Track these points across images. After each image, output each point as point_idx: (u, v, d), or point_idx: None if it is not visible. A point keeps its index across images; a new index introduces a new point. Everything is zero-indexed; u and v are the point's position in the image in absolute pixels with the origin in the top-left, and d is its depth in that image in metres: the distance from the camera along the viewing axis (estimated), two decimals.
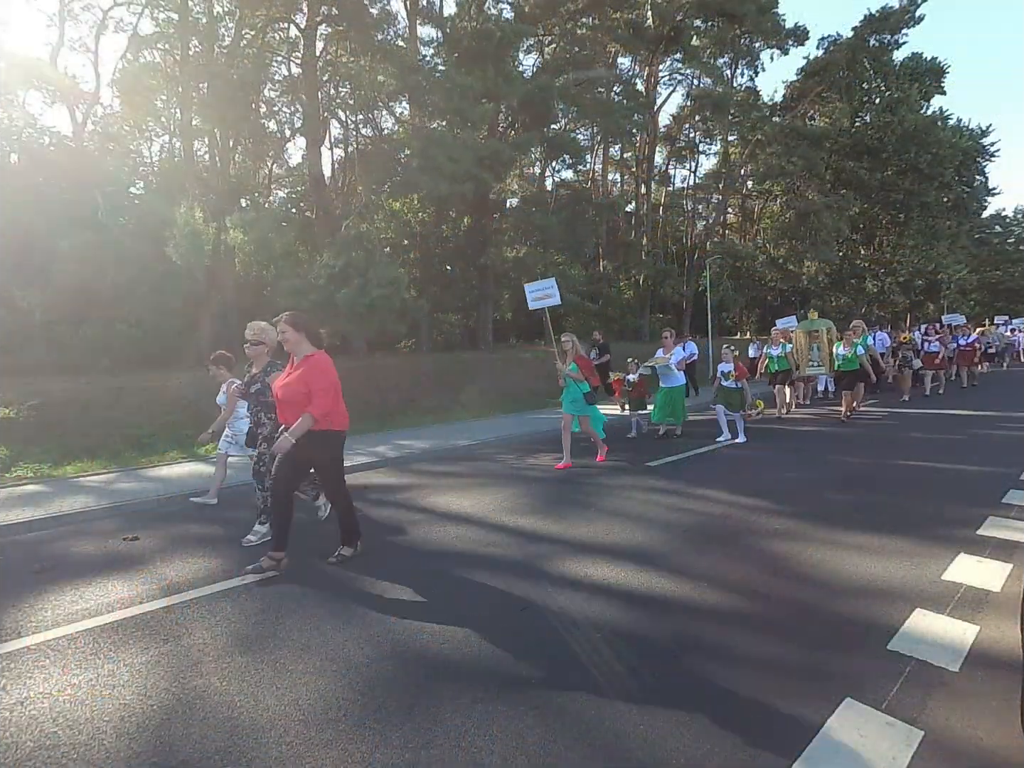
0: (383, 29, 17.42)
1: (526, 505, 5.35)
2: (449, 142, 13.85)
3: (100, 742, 2.22)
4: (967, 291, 41.21)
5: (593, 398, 6.69)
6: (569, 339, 6.81)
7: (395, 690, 2.47)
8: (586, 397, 6.65)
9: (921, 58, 29.81)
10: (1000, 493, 5.08)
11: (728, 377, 8.05)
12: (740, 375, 8.01)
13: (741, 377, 8.02)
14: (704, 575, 3.57)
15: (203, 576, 3.87)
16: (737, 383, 8.03)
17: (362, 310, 12.87)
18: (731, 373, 8.02)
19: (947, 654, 2.61)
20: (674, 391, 8.23)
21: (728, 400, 8.07)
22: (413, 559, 4.06)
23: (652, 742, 2.11)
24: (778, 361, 10.56)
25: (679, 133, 30.29)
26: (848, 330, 10.42)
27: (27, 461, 7.39)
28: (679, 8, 23.33)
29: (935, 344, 13.29)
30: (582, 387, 6.60)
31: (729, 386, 8.07)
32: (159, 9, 16.74)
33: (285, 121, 20.65)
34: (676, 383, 8.23)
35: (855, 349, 9.60)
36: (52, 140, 15.77)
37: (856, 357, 9.57)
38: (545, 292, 7.72)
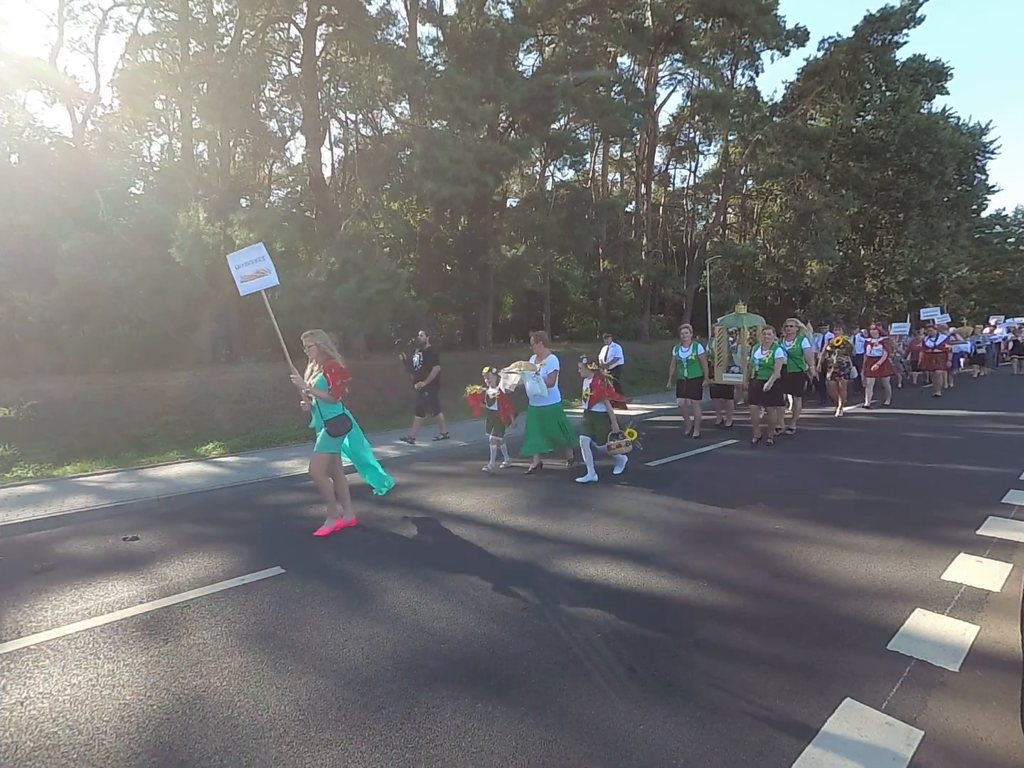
0: (383, 29, 17.41)
1: (526, 505, 5.35)
2: (451, 143, 13.82)
3: (100, 742, 2.23)
4: (967, 291, 41.18)
5: (342, 426, 4.62)
6: (312, 339, 4.70)
7: (395, 690, 2.48)
8: (331, 425, 4.56)
9: (923, 59, 29.82)
10: (1000, 493, 5.08)
11: (584, 396, 6.40)
12: (599, 395, 6.21)
13: (600, 397, 6.21)
14: (704, 575, 3.57)
15: (203, 576, 3.87)
16: (599, 405, 6.28)
17: (360, 306, 12.84)
18: (586, 392, 6.35)
19: (947, 654, 2.61)
20: (546, 412, 6.50)
21: (592, 427, 6.36)
22: (413, 559, 4.06)
23: (652, 742, 2.11)
24: (688, 366, 8.48)
25: (679, 133, 30.28)
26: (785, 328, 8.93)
27: (27, 461, 7.39)
28: (679, 8, 23.32)
29: (878, 348, 11.32)
30: (329, 410, 4.60)
31: (591, 409, 6.38)
32: (159, 9, 16.73)
33: (285, 121, 20.62)
34: (548, 402, 6.48)
35: (773, 353, 7.76)
36: (52, 140, 15.78)
37: (772, 363, 7.72)
38: (256, 268, 5.27)
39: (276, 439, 8.85)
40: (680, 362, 8.54)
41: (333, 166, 22.70)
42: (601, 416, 6.27)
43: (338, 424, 4.62)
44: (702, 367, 8.53)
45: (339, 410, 4.68)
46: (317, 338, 4.71)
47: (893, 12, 26.67)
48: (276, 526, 5.07)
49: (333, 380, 4.57)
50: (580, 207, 21.54)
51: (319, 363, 4.69)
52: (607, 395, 6.26)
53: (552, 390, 6.47)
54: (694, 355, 8.44)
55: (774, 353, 7.74)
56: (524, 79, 18.06)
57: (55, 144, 15.69)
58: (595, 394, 6.21)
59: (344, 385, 4.65)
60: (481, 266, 19.28)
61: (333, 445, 4.71)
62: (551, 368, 6.50)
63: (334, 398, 4.59)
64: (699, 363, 8.47)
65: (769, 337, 7.92)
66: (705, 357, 8.62)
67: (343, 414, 4.68)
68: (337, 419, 4.62)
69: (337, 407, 4.68)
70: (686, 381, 8.50)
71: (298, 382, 4.62)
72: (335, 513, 4.81)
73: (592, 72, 21.48)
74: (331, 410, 4.62)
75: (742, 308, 9.56)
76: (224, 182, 16.84)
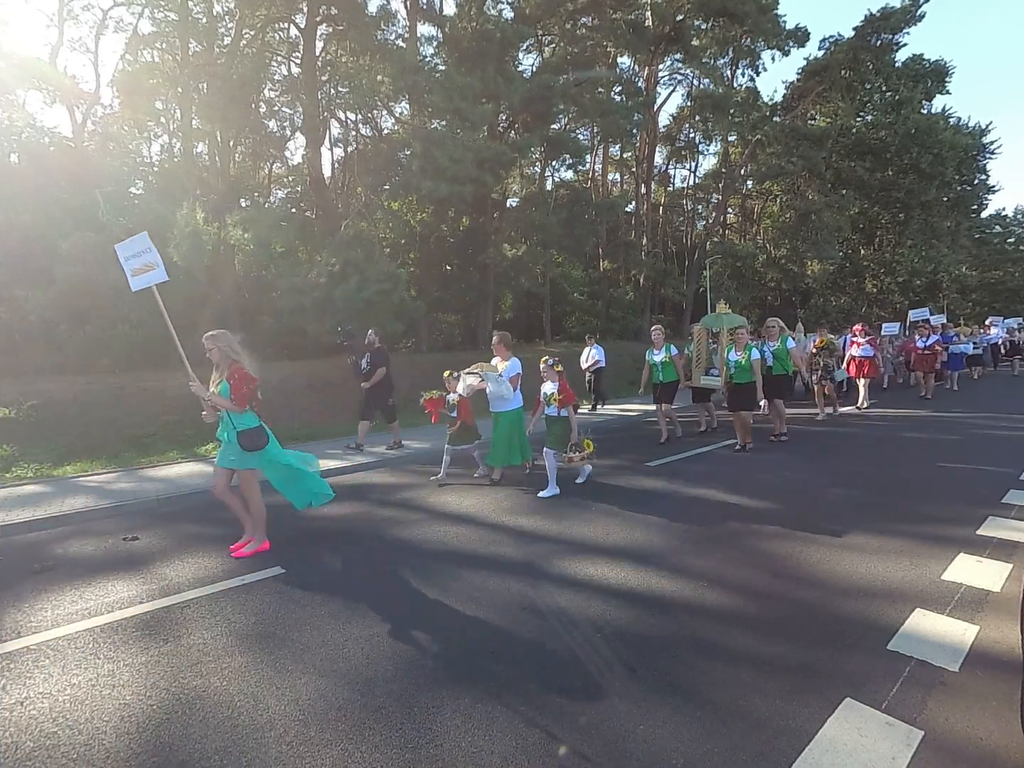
0: (383, 28, 17.42)
1: (526, 505, 5.35)
2: (450, 143, 13.83)
3: (100, 742, 2.23)
4: (967, 291, 41.19)
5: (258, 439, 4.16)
6: (213, 341, 4.21)
7: (395, 690, 2.48)
8: (244, 438, 4.09)
9: (924, 59, 29.82)
10: (1000, 493, 5.08)
11: (551, 401, 5.76)
12: (567, 400, 5.71)
13: (568, 402, 5.72)
14: (704, 575, 3.57)
15: (203, 576, 3.87)
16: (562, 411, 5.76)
17: (360, 306, 12.84)
18: (554, 396, 5.72)
19: (947, 654, 2.62)
20: (510, 418, 6.01)
21: (553, 435, 5.81)
22: (413, 559, 4.06)
23: (652, 742, 2.11)
24: (662, 369, 8.02)
25: (679, 133, 30.30)
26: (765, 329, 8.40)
27: (27, 461, 7.39)
28: (679, 8, 23.33)
29: (866, 348, 10.95)
30: (241, 421, 4.13)
31: (553, 415, 5.82)
32: (159, 9, 16.74)
33: (285, 121, 20.64)
34: (510, 407, 6.03)
35: (748, 354, 7.27)
36: (52, 140, 15.78)
37: (750, 365, 7.27)
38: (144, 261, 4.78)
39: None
40: (654, 365, 8.10)
41: (333, 166, 22.70)
42: (564, 422, 5.73)
43: (253, 437, 4.13)
44: (677, 370, 8.08)
45: (252, 421, 4.17)
46: (219, 340, 4.19)
47: (893, 12, 26.69)
48: (276, 526, 5.05)
49: (237, 387, 4.04)
50: (580, 207, 21.54)
51: (223, 368, 4.18)
52: (573, 400, 5.77)
53: (516, 395, 6.05)
54: (667, 357, 8.02)
55: (749, 355, 7.27)
56: (524, 79, 18.07)
57: (55, 144, 15.68)
58: (565, 397, 5.68)
59: (251, 392, 4.12)
60: (481, 266, 19.28)
61: (253, 460, 4.23)
62: (513, 371, 6.07)
63: (239, 407, 4.08)
64: (673, 366, 8.03)
65: (742, 338, 7.42)
66: (679, 359, 8.16)
67: (258, 426, 4.19)
68: (251, 432, 4.13)
69: (249, 417, 4.17)
70: (661, 385, 8.07)
71: (198, 390, 4.14)
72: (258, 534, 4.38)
73: (592, 72, 21.49)
74: (242, 421, 4.13)
75: (724, 307, 9.05)
76: (224, 182, 16.84)
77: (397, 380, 8.38)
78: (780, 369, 8.14)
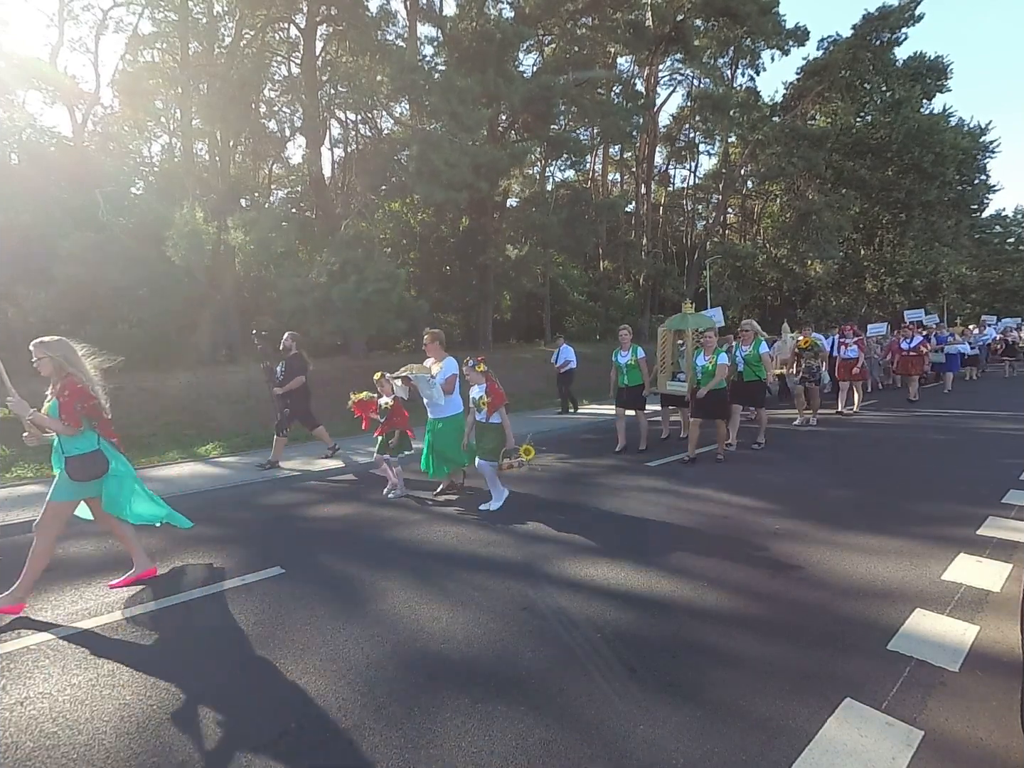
0: (383, 29, 17.43)
1: (526, 505, 5.34)
2: (447, 147, 13.80)
3: (100, 742, 2.23)
4: (967, 291, 41.21)
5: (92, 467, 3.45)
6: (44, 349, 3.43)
7: (395, 690, 2.48)
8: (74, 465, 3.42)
9: (923, 57, 29.81)
10: (1000, 493, 5.08)
11: (480, 407, 5.18)
12: (496, 402, 5.13)
13: (497, 406, 5.13)
14: (704, 575, 3.57)
15: (203, 576, 3.87)
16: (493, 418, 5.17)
17: (358, 306, 12.84)
18: (482, 400, 5.15)
19: (947, 654, 2.62)
20: (447, 425, 5.52)
21: (484, 444, 5.24)
22: (413, 559, 4.06)
23: (652, 742, 2.11)
24: (628, 372, 7.48)
25: (679, 133, 30.33)
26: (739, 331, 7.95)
27: (27, 461, 7.38)
28: (679, 8, 23.34)
29: (852, 349, 10.46)
30: (73, 445, 3.44)
31: (483, 420, 5.25)
32: (159, 9, 16.75)
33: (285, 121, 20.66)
34: (448, 413, 5.54)
35: (716, 358, 6.76)
36: (52, 140, 15.79)
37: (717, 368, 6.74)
38: None
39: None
40: (619, 368, 7.54)
41: (333, 166, 22.75)
42: (496, 429, 5.14)
43: (86, 464, 3.41)
44: (643, 374, 7.48)
45: (89, 445, 3.45)
46: (51, 348, 3.42)
47: (892, 11, 26.70)
48: (276, 526, 5.06)
49: (67, 404, 3.33)
50: (580, 207, 21.55)
51: (55, 382, 3.44)
52: (503, 403, 5.18)
53: (452, 399, 5.55)
54: (633, 360, 7.42)
55: (717, 359, 6.74)
56: (524, 79, 18.06)
57: (55, 144, 15.70)
58: (494, 401, 5.10)
59: (88, 410, 3.42)
60: (481, 266, 19.29)
61: (74, 491, 3.47)
62: (449, 372, 5.52)
63: (70, 429, 3.37)
64: (639, 369, 7.45)
65: (711, 341, 6.93)
66: (646, 362, 7.54)
67: (96, 450, 3.46)
68: (84, 458, 3.41)
69: (86, 440, 3.45)
70: (626, 389, 7.53)
71: (18, 407, 3.33)
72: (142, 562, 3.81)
73: (592, 72, 21.50)
74: (75, 445, 3.41)
75: (689, 307, 8.46)
76: (224, 182, 16.85)
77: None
78: (752, 375, 7.61)
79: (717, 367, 6.72)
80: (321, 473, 6.89)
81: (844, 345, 10.54)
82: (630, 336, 7.64)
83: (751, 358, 7.61)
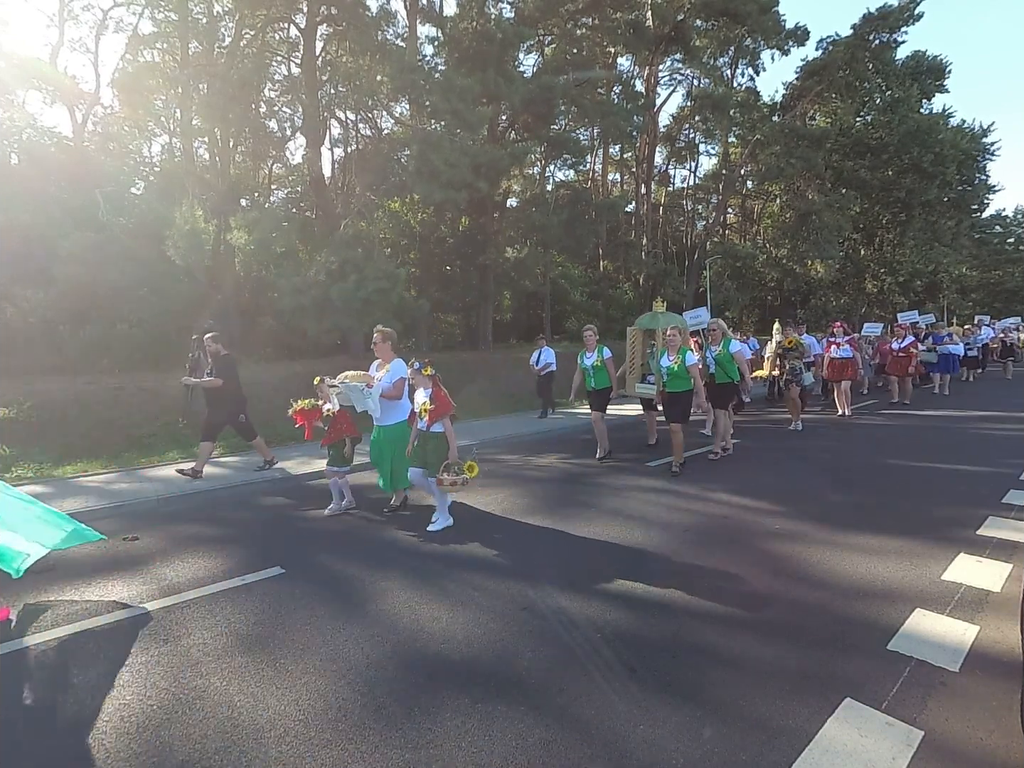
0: (383, 29, 17.43)
1: (526, 505, 5.35)
2: (447, 147, 13.79)
3: (100, 742, 2.23)
4: (967, 291, 41.24)
5: None
6: None
7: (395, 690, 2.48)
8: None
9: (922, 57, 29.80)
10: (1000, 493, 5.08)
11: (422, 413, 4.67)
12: (440, 410, 4.57)
13: (441, 414, 4.58)
14: (704, 575, 3.57)
15: (203, 576, 3.87)
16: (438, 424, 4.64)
17: (358, 305, 12.83)
18: (424, 407, 4.62)
19: (947, 654, 2.61)
20: (391, 433, 5.05)
21: (425, 453, 4.71)
22: (413, 559, 4.06)
23: (652, 742, 2.11)
24: (595, 374, 7.10)
25: (679, 133, 30.33)
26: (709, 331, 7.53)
27: (27, 461, 7.38)
28: (679, 8, 23.34)
29: (845, 348, 9.99)
30: None
31: (424, 429, 4.69)
32: (159, 9, 16.76)
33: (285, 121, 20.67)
34: (393, 420, 5.07)
35: (683, 358, 6.28)
36: (52, 140, 15.79)
37: (687, 370, 6.28)
38: None
39: (276, 439, 8.82)
40: (585, 370, 7.20)
41: (333, 166, 22.75)
42: (438, 439, 4.64)
43: None
44: (610, 375, 7.10)
45: None
46: None
47: (892, 10, 26.69)
48: (276, 526, 5.06)
49: None
50: (580, 207, 21.54)
51: None
52: (449, 411, 4.66)
53: (400, 404, 5.06)
54: (599, 361, 7.06)
55: (684, 358, 6.30)
56: (524, 79, 18.07)
57: (55, 144, 15.71)
58: (437, 408, 4.56)
59: None
60: (481, 266, 19.29)
61: None
62: (396, 376, 5.02)
63: None
64: (606, 370, 7.09)
65: (675, 340, 6.44)
66: (612, 362, 7.15)
67: None
68: None
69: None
70: (594, 392, 7.18)
71: None
72: None
73: (592, 72, 21.51)
74: None
75: (660, 305, 8.04)
76: (224, 182, 16.86)
77: None
78: (723, 377, 7.20)
79: (688, 367, 6.28)
80: (321, 473, 6.89)
81: (835, 344, 10.09)
82: (595, 337, 7.27)
83: (722, 358, 7.20)
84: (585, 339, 7.31)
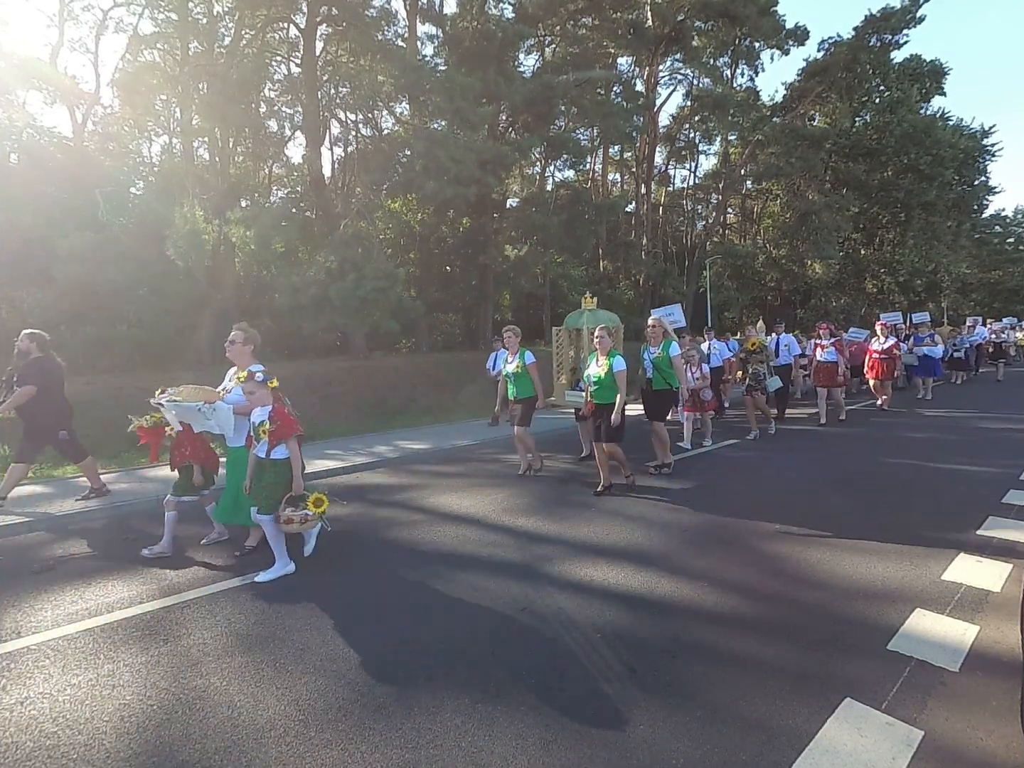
0: (383, 29, 17.44)
1: (526, 505, 5.35)
2: (452, 144, 13.83)
3: (100, 742, 2.22)
4: (967, 290, 41.25)
5: None
6: None
7: (395, 690, 2.47)
8: None
9: (921, 59, 29.85)
10: (1000, 493, 5.08)
11: (259, 435, 3.76)
12: (283, 432, 3.72)
13: (283, 437, 3.73)
14: (704, 575, 3.57)
15: (203, 576, 3.87)
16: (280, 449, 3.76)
17: (356, 304, 12.83)
18: (263, 427, 3.72)
19: (947, 654, 2.61)
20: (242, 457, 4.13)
21: (260, 489, 3.77)
22: (413, 560, 4.06)
23: (652, 742, 2.11)
24: (516, 382, 6.29)
25: (679, 133, 30.35)
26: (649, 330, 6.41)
27: None
28: (679, 8, 23.36)
29: (830, 351, 9.24)
30: None
31: (262, 456, 3.78)
32: (159, 9, 16.77)
33: (285, 121, 20.71)
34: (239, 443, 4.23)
35: (611, 363, 5.42)
36: (52, 140, 15.80)
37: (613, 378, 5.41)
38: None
39: None
40: (507, 376, 6.41)
41: (333, 166, 22.75)
42: (279, 468, 3.75)
43: None
44: (534, 383, 6.24)
45: None
46: None
47: (894, 12, 26.72)
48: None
49: None
50: (580, 207, 21.57)
51: None
52: (294, 432, 3.77)
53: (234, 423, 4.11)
54: (520, 366, 6.20)
55: (612, 363, 5.41)
56: (525, 79, 18.10)
57: (55, 144, 15.71)
58: (279, 429, 3.70)
59: None
60: (481, 266, 19.31)
61: None
62: (235, 398, 4.11)
63: None
64: (529, 377, 6.24)
65: (604, 342, 5.52)
66: (536, 368, 6.28)
67: None
68: None
69: None
70: (515, 402, 6.34)
71: None
72: None
73: (592, 72, 21.54)
74: None
75: (590, 302, 7.09)
76: (224, 182, 16.87)
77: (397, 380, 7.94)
78: (661, 383, 6.25)
79: (615, 374, 5.37)
80: (321, 473, 6.89)
81: (820, 347, 9.43)
82: (517, 339, 6.38)
83: (660, 362, 6.24)
84: (504, 340, 6.39)
